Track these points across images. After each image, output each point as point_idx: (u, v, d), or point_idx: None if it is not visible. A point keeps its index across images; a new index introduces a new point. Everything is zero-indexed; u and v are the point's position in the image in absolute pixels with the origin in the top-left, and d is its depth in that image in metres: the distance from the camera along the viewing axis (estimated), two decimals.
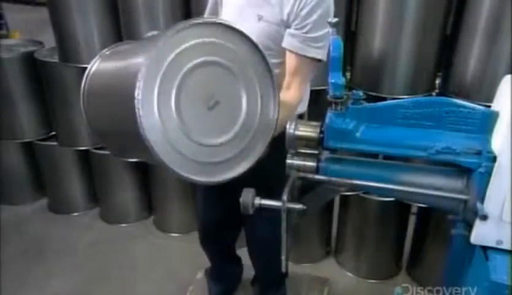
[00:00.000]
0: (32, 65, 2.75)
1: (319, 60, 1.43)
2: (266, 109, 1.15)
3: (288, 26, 1.43)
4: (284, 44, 1.43)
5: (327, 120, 1.10)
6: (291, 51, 1.42)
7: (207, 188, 1.79)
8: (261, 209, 1.09)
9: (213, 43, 1.05)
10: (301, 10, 1.38)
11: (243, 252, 2.06)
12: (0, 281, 2.37)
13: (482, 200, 0.98)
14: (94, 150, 2.73)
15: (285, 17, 1.41)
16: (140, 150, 1.09)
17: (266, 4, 1.43)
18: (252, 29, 1.41)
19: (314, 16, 1.38)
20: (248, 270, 2.11)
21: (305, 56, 1.41)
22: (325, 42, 1.41)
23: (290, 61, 1.43)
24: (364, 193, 2.27)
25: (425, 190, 1.07)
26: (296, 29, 1.40)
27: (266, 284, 2.05)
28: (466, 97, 1.88)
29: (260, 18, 1.43)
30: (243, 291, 2.23)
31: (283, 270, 1.14)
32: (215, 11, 1.65)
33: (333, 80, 1.06)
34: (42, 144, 2.92)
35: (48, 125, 2.94)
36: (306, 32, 1.39)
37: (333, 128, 1.10)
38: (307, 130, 1.13)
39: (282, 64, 1.47)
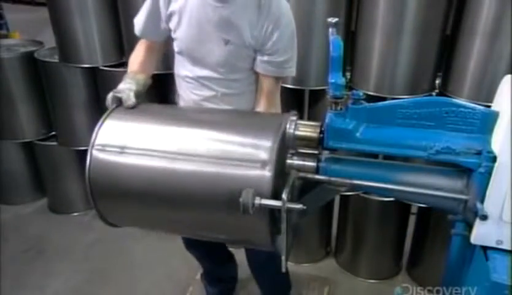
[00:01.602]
0: (32, 65, 2.75)
1: None
2: None
3: (257, 49, 1.46)
4: (259, 70, 1.50)
5: (327, 120, 1.10)
6: (267, 75, 1.50)
7: None
8: None
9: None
10: (271, 33, 1.42)
11: (241, 252, 2.05)
12: (0, 281, 2.37)
13: (482, 200, 0.98)
14: None
15: (253, 41, 1.44)
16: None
17: (233, 29, 1.42)
18: (219, 51, 1.46)
19: (285, 39, 1.44)
20: (246, 270, 2.09)
21: (281, 77, 1.53)
22: (294, 60, 1.51)
23: (267, 83, 1.51)
24: (364, 193, 2.27)
25: (425, 190, 1.07)
26: (269, 54, 1.46)
27: None
28: (466, 97, 1.88)
29: (227, 42, 1.44)
30: (243, 291, 2.22)
31: (283, 270, 1.14)
32: (155, 24, 1.55)
33: (333, 80, 1.07)
34: (42, 144, 2.92)
35: (48, 125, 2.93)
36: (278, 56, 1.45)
37: (333, 128, 1.10)
38: (307, 130, 1.13)
39: (245, 78, 1.55)
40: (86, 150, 1.23)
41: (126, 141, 1.22)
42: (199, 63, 1.53)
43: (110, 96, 1.37)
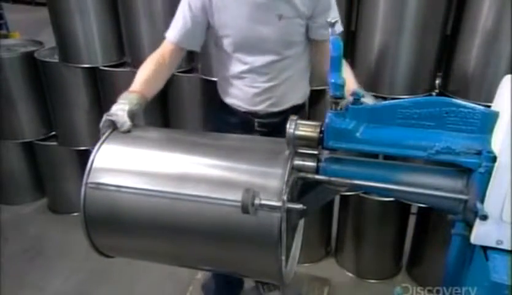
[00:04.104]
0: (32, 65, 2.75)
1: None
2: None
3: (308, 15, 1.48)
4: (319, 37, 1.53)
5: (327, 120, 1.10)
6: (325, 40, 1.47)
7: None
8: None
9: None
10: None
11: None
12: (0, 281, 2.37)
13: (482, 200, 0.98)
14: None
15: (305, 8, 1.46)
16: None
17: (284, 2, 1.44)
18: (274, 29, 1.47)
19: None
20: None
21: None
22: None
23: (328, 47, 1.49)
24: (364, 193, 2.27)
25: (425, 190, 1.07)
26: (322, 15, 1.47)
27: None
28: (466, 97, 1.88)
29: (280, 17, 1.45)
30: None
31: (283, 270, 1.14)
32: (193, 31, 1.52)
33: (333, 80, 1.06)
34: (42, 144, 2.92)
35: (48, 125, 2.93)
36: (331, 14, 1.47)
37: (333, 127, 1.10)
38: (308, 130, 1.13)
39: (298, 55, 1.57)
40: (86, 150, 1.22)
41: (125, 175, 1.18)
42: (255, 51, 1.52)
43: (103, 119, 1.29)
